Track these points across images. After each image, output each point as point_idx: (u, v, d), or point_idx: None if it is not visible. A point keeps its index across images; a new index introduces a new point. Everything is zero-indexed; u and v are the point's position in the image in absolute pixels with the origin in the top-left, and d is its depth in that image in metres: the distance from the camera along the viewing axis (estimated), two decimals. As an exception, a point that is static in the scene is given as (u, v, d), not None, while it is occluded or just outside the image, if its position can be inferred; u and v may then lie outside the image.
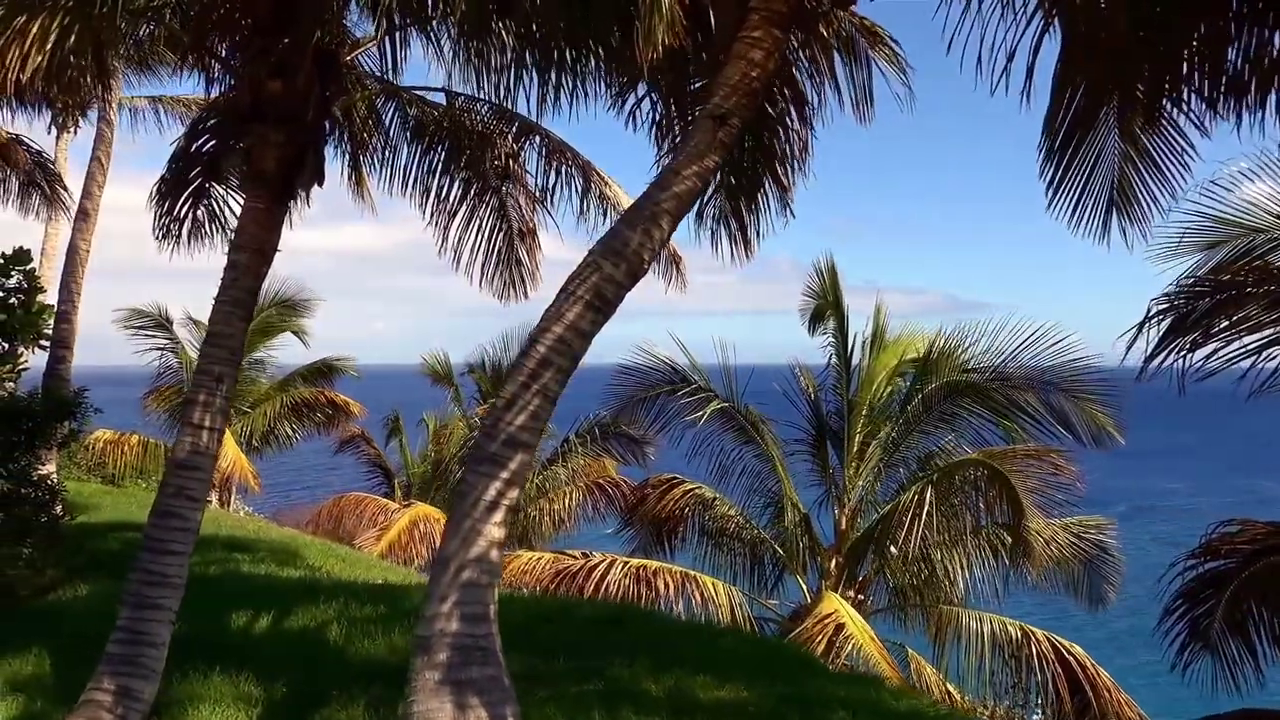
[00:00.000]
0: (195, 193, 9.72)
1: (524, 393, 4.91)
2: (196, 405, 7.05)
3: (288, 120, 7.34)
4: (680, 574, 14.19)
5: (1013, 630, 13.31)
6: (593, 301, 4.97)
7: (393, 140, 9.79)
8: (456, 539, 4.80)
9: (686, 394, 15.00)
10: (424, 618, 4.79)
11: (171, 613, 6.84)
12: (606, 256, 4.98)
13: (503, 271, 11.04)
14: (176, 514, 6.92)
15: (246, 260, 7.32)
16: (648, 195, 5.04)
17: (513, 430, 4.88)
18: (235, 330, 7.26)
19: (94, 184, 16.44)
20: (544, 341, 4.94)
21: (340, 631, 8.18)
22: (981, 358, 13.35)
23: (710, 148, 4.97)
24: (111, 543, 13.46)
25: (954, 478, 12.57)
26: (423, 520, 18.15)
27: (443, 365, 21.52)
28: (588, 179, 10.17)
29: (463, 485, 4.93)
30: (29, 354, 12.52)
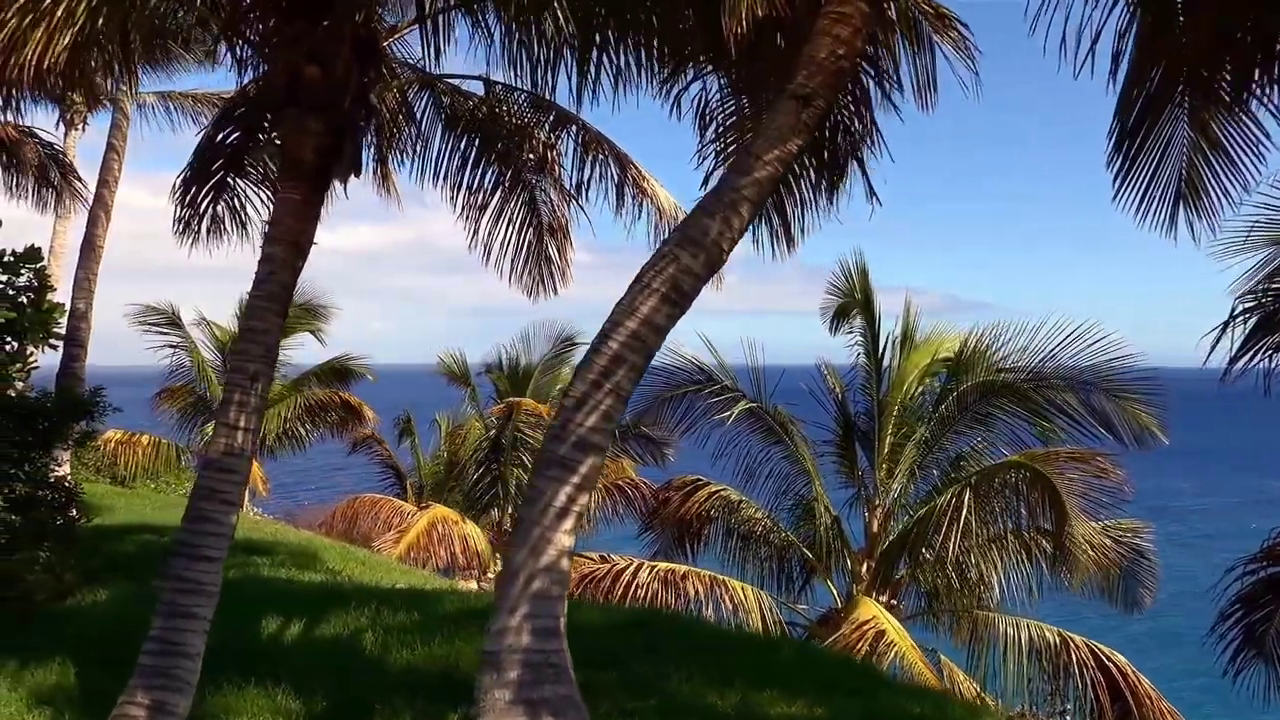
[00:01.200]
0: (216, 187, 9.44)
1: (595, 392, 4.59)
2: (231, 405, 6.74)
3: (325, 107, 7.02)
4: (709, 578, 13.88)
5: (1050, 636, 12.98)
6: (669, 294, 4.66)
7: (424, 131, 9.47)
8: (525, 548, 4.49)
9: (713, 394, 14.68)
10: (491, 632, 4.47)
11: (206, 622, 6.53)
12: (684, 246, 4.66)
13: (532, 268, 10.74)
14: (210, 518, 6.61)
15: (282, 254, 7.01)
16: (727, 181, 4.73)
17: (583, 432, 4.57)
18: (271, 326, 6.95)
19: (110, 177, 16.13)
20: (616, 337, 4.63)
21: (375, 640, 7.87)
22: (1019, 357, 13.01)
23: (793, 131, 4.65)
24: (128, 545, 13.17)
25: (994, 480, 12.24)
26: (440, 522, 17.84)
27: (459, 365, 21.20)
28: (624, 172, 9.85)
29: (530, 491, 4.62)
30: (39, 353, 12.24)
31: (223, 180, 9.44)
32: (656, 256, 4.68)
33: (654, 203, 10.16)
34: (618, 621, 8.14)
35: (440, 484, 23.14)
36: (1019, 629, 13.15)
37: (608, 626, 8.03)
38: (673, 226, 10.52)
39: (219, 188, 9.47)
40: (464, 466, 20.32)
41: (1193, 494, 65.32)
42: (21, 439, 10.70)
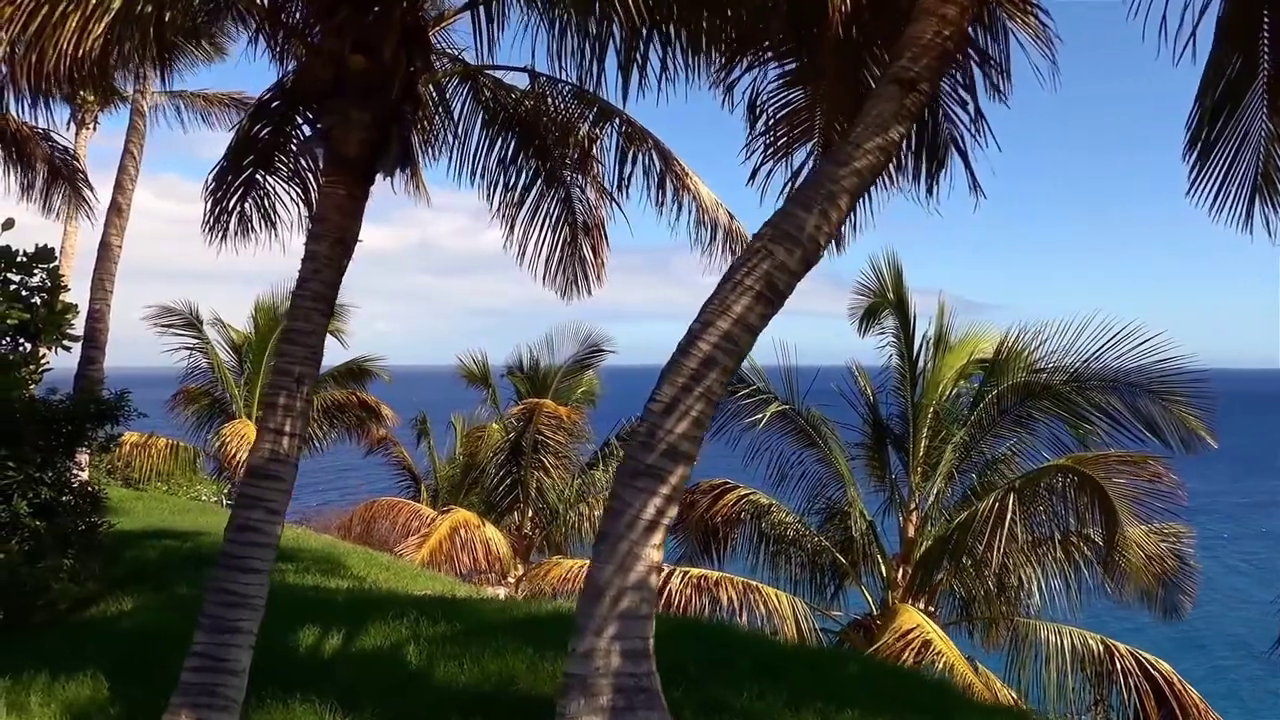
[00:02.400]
0: (245, 183, 9.17)
1: (685, 396, 4.30)
2: (276, 409, 6.45)
3: (371, 98, 6.75)
4: (742, 584, 13.59)
5: (1094, 644, 12.68)
6: (763, 292, 4.37)
7: (462, 126, 9.18)
8: (612, 563, 4.19)
9: (744, 395, 14.38)
10: (576, 653, 4.18)
11: (251, 636, 6.24)
12: (779, 241, 4.37)
13: (565, 268, 10.45)
14: (255, 528, 6.32)
15: (326, 251, 6.73)
16: (824, 172, 4.43)
17: (673, 439, 4.28)
18: (316, 327, 6.67)
19: (126, 177, 15.85)
20: (707, 338, 4.33)
21: (419, 653, 7.56)
22: (1061, 358, 12.68)
23: (896, 117, 4.36)
24: (149, 551, 12.88)
25: (1039, 484, 11.92)
26: (462, 526, 17.54)
27: (479, 366, 20.90)
28: (668, 167, 9.55)
29: (615, 502, 4.32)
30: (53, 354, 11.97)
31: (252, 177, 9.19)
32: (749, 252, 4.39)
33: (696, 199, 9.86)
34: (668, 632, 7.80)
35: (456, 486, 22.87)
36: (1061, 636, 12.85)
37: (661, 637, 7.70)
38: (714, 223, 10.28)
39: (248, 184, 9.21)
40: (484, 469, 20.02)
41: (1204, 495, 64.89)
42: (45, 443, 10.42)
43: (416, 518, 19.59)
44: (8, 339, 11.88)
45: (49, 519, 10.04)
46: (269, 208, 9.37)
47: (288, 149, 9.17)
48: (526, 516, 19.62)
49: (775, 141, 8.23)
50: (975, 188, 5.09)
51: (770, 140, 8.23)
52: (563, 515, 19.13)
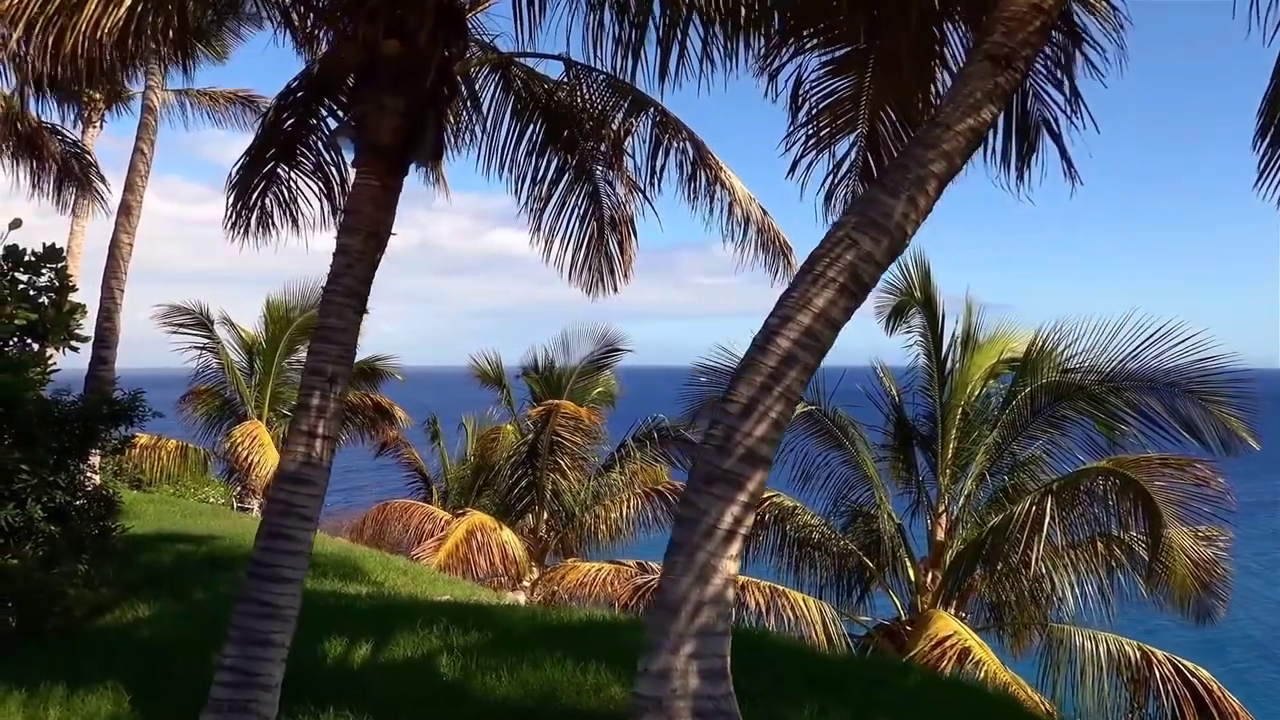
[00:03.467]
0: (267, 178, 8.89)
1: (764, 396, 4.00)
2: (309, 410, 6.16)
3: (405, 84, 6.45)
4: (769, 588, 13.27)
5: (1130, 650, 12.37)
6: (847, 285, 4.06)
7: (490, 116, 8.88)
8: (689, 575, 3.89)
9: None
10: (650, 673, 3.87)
11: (284, 649, 5.95)
12: (864, 230, 4.06)
13: (591, 264, 10.16)
14: (287, 534, 6.02)
15: (359, 245, 6.44)
16: (911, 155, 4.13)
17: (752, 442, 3.98)
18: (349, 324, 6.38)
19: (136, 176, 15.56)
20: (787, 334, 4.03)
21: (453, 664, 7.26)
22: (1097, 357, 12.36)
23: (988, 97, 4.05)
24: (163, 555, 12.58)
25: (1078, 487, 11.61)
26: (479, 530, 17.22)
27: (493, 367, 20.59)
28: (702, 160, 9.25)
29: (688, 510, 4.01)
30: (60, 355, 11.70)
31: (273, 171, 8.91)
32: (831, 242, 4.08)
33: (731, 193, 9.56)
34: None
35: (467, 488, 22.57)
36: (1096, 642, 12.54)
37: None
38: (747, 218, 9.98)
39: (270, 179, 8.94)
40: (498, 470, 19.70)
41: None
42: (58, 444, 10.13)
43: (430, 520, 19.28)
44: (15, 339, 11.62)
45: (63, 523, 9.75)
46: (288, 202, 9.10)
47: (310, 141, 8.90)
48: (542, 519, 19.31)
49: (818, 132, 7.95)
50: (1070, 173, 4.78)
51: (812, 131, 7.94)
52: (579, 518, 18.81)
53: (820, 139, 7.96)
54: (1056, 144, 4.86)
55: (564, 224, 9.86)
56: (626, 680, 6.63)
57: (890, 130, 7.80)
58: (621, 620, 8.89)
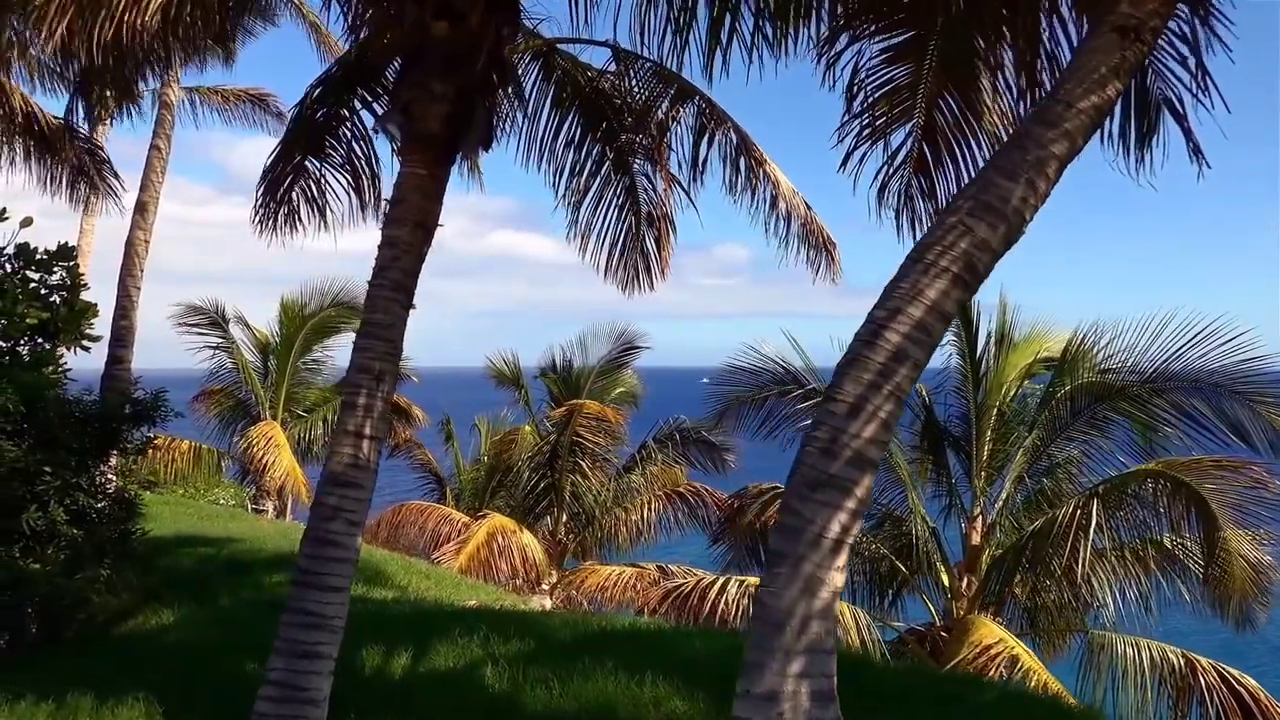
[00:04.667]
0: (295, 171, 8.62)
1: (873, 395, 3.70)
2: (355, 409, 5.86)
3: (455, 69, 6.16)
4: (801, 594, 12.94)
5: (1174, 658, 12.02)
6: (961, 275, 3.77)
7: (530, 104, 8.59)
8: (794, 587, 3.59)
9: (800, 396, 13.77)
10: (753, 695, 3.57)
11: (331, 661, 5.66)
12: (980, 215, 3.76)
13: (627, 260, 9.87)
14: (334, 541, 5.73)
15: (406, 236, 6.16)
16: (1029, 135, 3.82)
17: (860, 445, 3.68)
18: (396, 319, 6.09)
19: (153, 173, 15.27)
20: (897, 328, 3.73)
21: (498, 675, 6.96)
22: (1140, 357, 12.04)
23: (1114, 72, 3.76)
24: (183, 559, 12.29)
25: (1125, 490, 11.29)
26: (499, 533, 16.92)
27: (510, 367, 20.29)
28: (747, 152, 8.96)
29: (791, 518, 3.72)
30: (71, 354, 11.43)
31: (301, 164, 8.64)
32: (944, 229, 3.79)
33: (775, 186, 9.27)
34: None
35: (480, 490, 22.27)
36: (1139, 650, 12.21)
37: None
38: (790, 212, 9.68)
39: (298, 172, 8.67)
40: (517, 472, 19.40)
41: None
42: (79, 445, 9.84)
43: (447, 523, 18.97)
44: (26, 338, 11.36)
45: (85, 526, 9.47)
46: (315, 197, 8.82)
47: (340, 134, 8.63)
48: (561, 522, 19.01)
49: (873, 122, 7.65)
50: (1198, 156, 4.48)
51: (868, 121, 7.65)
52: (599, 520, 18.50)
53: (875, 129, 7.68)
54: (1181, 125, 4.56)
55: (600, 219, 9.58)
56: (686, 693, 6.34)
57: (950, 120, 7.52)
58: (667, 628, 8.59)
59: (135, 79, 13.78)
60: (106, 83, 16.04)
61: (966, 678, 8.37)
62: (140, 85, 18.18)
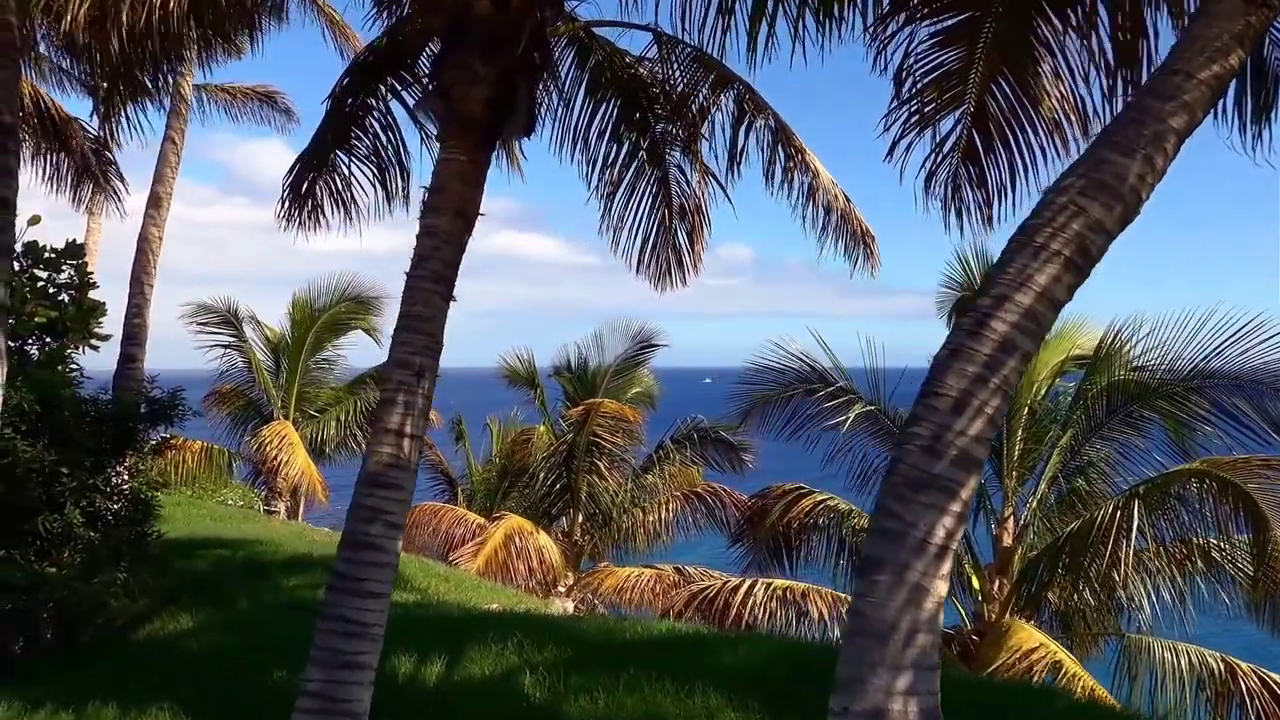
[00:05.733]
0: (322, 165, 8.35)
1: (979, 389, 3.42)
2: (395, 406, 5.59)
3: (497, 50, 5.89)
4: (831, 596, 12.67)
5: (1214, 663, 11.72)
6: (1073, 259, 3.49)
7: (565, 91, 8.30)
8: (898, 596, 3.31)
9: (827, 396, 13.47)
10: (854, 714, 3.29)
11: (371, 671, 5.38)
12: (1093, 195, 3.48)
13: (659, 255, 9.58)
14: (374, 544, 5.46)
15: (446, 225, 5.88)
16: (1144, 108, 3.54)
17: (965, 443, 3.40)
18: (437, 312, 5.82)
19: (167, 167, 15.00)
20: (1004, 316, 3.45)
21: (538, 684, 6.68)
22: (1179, 355, 11.73)
23: (1237, 40, 3.48)
24: (198, 561, 12.01)
25: (1167, 491, 11.00)
26: (517, 534, 16.64)
27: (525, 366, 19.99)
28: (788, 142, 8.66)
29: (891, 522, 3.43)
30: (79, 353, 11.20)
31: (327, 157, 8.37)
32: (1053, 209, 3.50)
33: (816, 177, 8.97)
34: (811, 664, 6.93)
35: (492, 490, 21.99)
36: (1177, 654, 11.91)
37: (805, 669, 6.83)
38: (829, 205, 9.38)
39: (323, 165, 8.40)
40: (532, 473, 19.10)
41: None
42: (95, 445, 9.58)
43: (461, 524, 18.69)
44: (34, 337, 11.11)
45: (102, 529, 9.21)
46: (339, 190, 8.55)
47: (366, 124, 8.36)
48: (576, 523, 18.72)
49: (922, 109, 7.37)
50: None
51: (916, 108, 7.37)
52: (616, 521, 18.21)
53: (924, 116, 7.40)
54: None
55: (632, 212, 9.30)
56: (739, 704, 6.06)
57: (1004, 105, 7.23)
58: (705, 633, 8.31)
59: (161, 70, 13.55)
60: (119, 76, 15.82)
61: (1042, 691, 8.08)
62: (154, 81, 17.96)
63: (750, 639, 8.00)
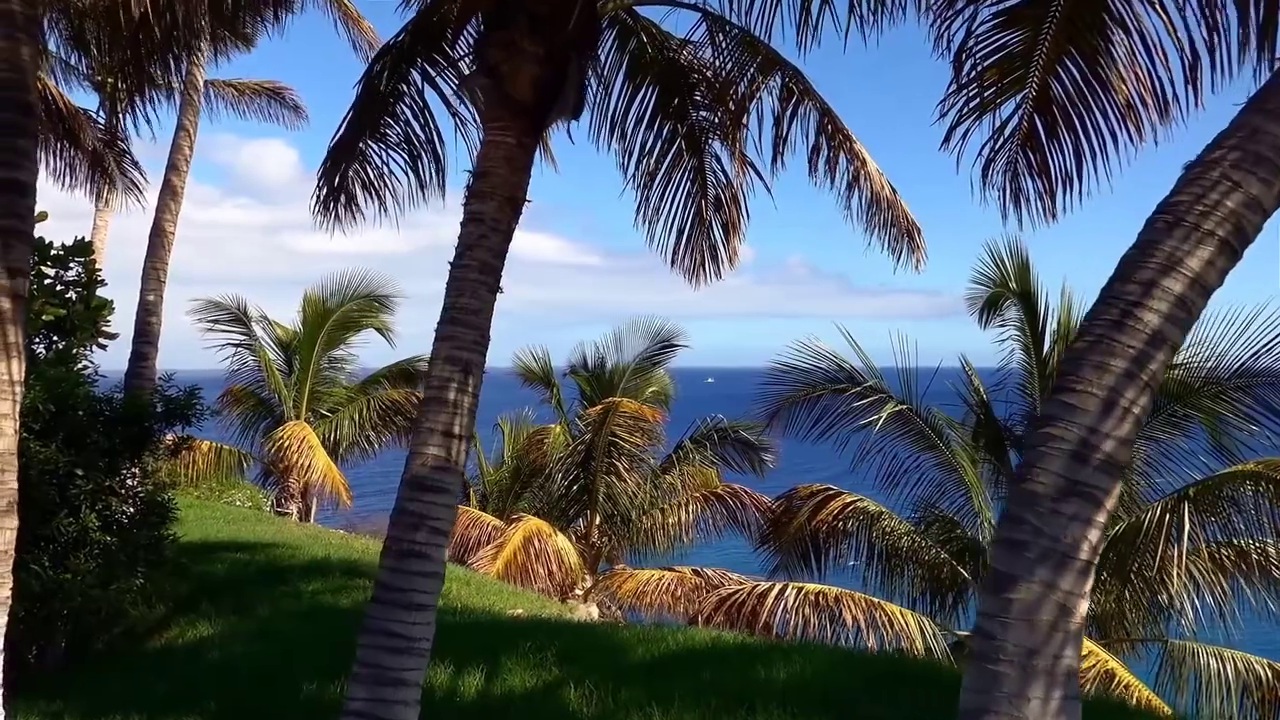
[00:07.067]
0: (353, 154, 7.99)
1: (1126, 386, 3.06)
2: (441, 405, 5.23)
3: (547, 27, 5.53)
4: (864, 600, 12.30)
5: (1260, 670, 11.38)
6: (1228, 240, 3.13)
7: (604, 80, 7.95)
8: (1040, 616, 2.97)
9: (856, 395, 13.11)
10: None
11: (418, 689, 5.03)
12: (1249, 168, 3.12)
13: (694, 248, 9.22)
14: (420, 553, 5.10)
15: (494, 212, 5.52)
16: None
17: (1112, 447, 3.05)
18: (484, 304, 5.46)
19: (180, 157, 14.62)
20: (1153, 305, 3.09)
21: (585, 698, 6.33)
22: (1226, 352, 11.38)
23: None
24: (215, 565, 11.65)
25: (1219, 493, 10.64)
26: (535, 536, 16.27)
27: (540, 365, 19.63)
28: (836, 130, 8.29)
29: (1024, 533, 3.07)
30: (88, 352, 10.85)
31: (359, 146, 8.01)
32: (1202, 185, 3.14)
33: (864, 168, 8.60)
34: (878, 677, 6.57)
35: (505, 491, 21.65)
36: (1223, 661, 11.56)
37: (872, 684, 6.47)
38: (877, 197, 9.01)
39: (356, 155, 8.04)
40: (548, 474, 18.74)
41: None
42: (110, 446, 9.23)
43: (476, 526, 18.34)
44: (42, 335, 10.78)
45: (118, 533, 8.86)
46: (371, 181, 8.19)
47: (397, 111, 8.00)
48: (594, 524, 18.35)
49: (982, 93, 7.02)
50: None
51: (975, 92, 7.01)
52: (635, 523, 17.84)
53: (985, 100, 7.06)
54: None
55: (667, 204, 8.94)
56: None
57: (1070, 88, 6.87)
58: (751, 643, 7.94)
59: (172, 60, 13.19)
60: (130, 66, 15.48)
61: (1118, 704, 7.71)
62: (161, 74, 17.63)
63: (802, 649, 7.63)
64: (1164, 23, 6.19)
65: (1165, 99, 6.36)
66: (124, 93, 18.24)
